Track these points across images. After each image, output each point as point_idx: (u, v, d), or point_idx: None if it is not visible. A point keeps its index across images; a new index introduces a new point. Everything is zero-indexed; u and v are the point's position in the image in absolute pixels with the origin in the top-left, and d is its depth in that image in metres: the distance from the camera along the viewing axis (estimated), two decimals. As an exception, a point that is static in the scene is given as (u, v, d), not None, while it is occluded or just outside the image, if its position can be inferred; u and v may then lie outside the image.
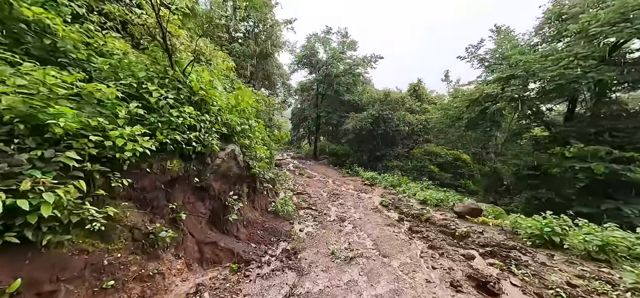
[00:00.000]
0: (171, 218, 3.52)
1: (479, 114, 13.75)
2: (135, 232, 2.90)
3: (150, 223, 3.15)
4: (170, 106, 3.65)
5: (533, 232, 5.36)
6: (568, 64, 8.69)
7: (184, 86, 3.97)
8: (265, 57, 16.51)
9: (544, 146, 11.32)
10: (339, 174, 19.33)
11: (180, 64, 4.09)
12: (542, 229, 5.22)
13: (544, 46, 11.14)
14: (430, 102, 23.09)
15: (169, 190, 3.60)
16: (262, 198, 6.79)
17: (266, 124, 11.08)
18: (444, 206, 10.02)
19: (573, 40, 8.95)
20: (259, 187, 6.66)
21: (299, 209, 9.96)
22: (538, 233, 5.26)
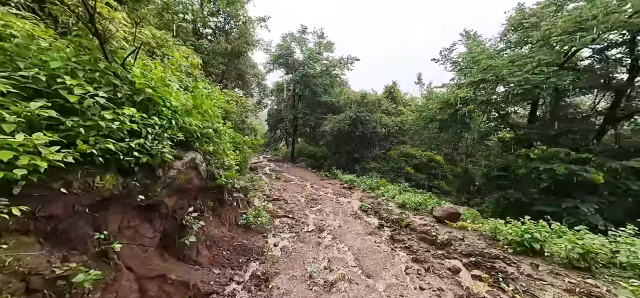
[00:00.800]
0: (99, 252, 2.67)
1: (451, 115, 14.09)
2: (32, 280, 2.05)
3: (63, 263, 2.31)
4: (102, 107, 2.80)
5: (513, 239, 5.24)
6: (532, 70, 9.05)
7: (123, 82, 3.12)
8: (238, 55, 15.45)
9: (510, 148, 11.86)
10: (317, 177, 18.80)
11: (118, 54, 3.22)
12: (522, 236, 5.11)
13: (508, 52, 11.66)
14: (404, 104, 23.56)
15: (97, 214, 2.74)
16: (232, 211, 5.98)
17: (239, 126, 10.19)
18: (422, 210, 9.92)
19: (536, 47, 9.38)
20: (228, 199, 5.85)
21: (275, 218, 9.24)
22: (519, 240, 5.14)
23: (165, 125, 3.57)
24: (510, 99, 12.11)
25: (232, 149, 7.01)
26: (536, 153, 9.74)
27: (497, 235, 6.16)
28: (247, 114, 10.26)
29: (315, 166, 21.55)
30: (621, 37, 9.02)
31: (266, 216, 7.60)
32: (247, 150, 12.30)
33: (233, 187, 6.25)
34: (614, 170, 8.77)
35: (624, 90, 9.39)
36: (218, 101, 7.49)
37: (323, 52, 21.01)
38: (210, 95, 6.87)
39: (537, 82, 8.56)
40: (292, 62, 21.10)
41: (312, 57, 20.56)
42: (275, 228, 7.60)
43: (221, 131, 5.40)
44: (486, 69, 9.82)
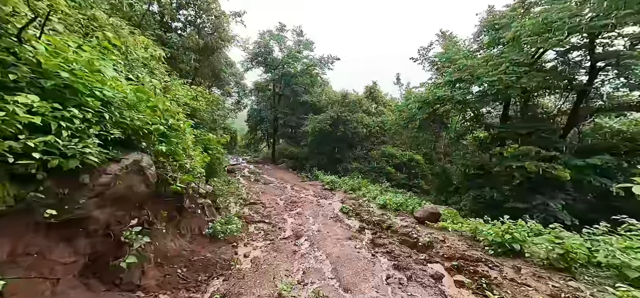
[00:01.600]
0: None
1: (429, 115, 14.16)
2: None
3: None
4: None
5: (494, 240, 5.03)
6: (505, 70, 9.18)
7: (19, 61, 2.35)
8: (212, 51, 14.45)
9: (486, 147, 12.11)
10: (298, 179, 18.18)
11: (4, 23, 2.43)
12: (503, 237, 4.90)
13: (481, 53, 11.89)
14: (385, 104, 23.66)
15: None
16: (194, 220, 5.22)
17: (210, 126, 9.34)
18: (403, 210, 9.70)
19: (508, 48, 9.55)
20: (190, 206, 5.09)
21: (250, 224, 8.53)
22: (499, 241, 4.93)
23: (92, 120, 2.82)
24: (484, 99, 12.36)
25: (199, 150, 6.24)
26: (509, 151, 9.92)
27: (477, 235, 5.97)
28: (220, 112, 9.44)
29: (296, 167, 20.91)
30: (581, 40, 9.43)
31: (238, 223, 6.89)
32: (219, 150, 11.45)
33: (197, 192, 5.50)
34: (579, 167, 9.11)
35: (584, 91, 9.85)
36: (182, 95, 6.68)
37: (303, 50, 20.46)
38: (169, 88, 6.06)
39: (509, 82, 8.68)
40: (271, 60, 20.30)
41: (292, 56, 19.93)
42: (248, 236, 6.91)
43: (180, 129, 4.65)
44: (462, 69, 9.87)
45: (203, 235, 5.29)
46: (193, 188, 5.21)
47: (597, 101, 10.75)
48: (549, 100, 12.10)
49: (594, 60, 9.26)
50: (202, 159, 6.28)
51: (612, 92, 10.53)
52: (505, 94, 10.62)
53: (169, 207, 4.29)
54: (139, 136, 3.57)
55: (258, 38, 19.98)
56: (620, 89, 10.24)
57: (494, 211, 11.66)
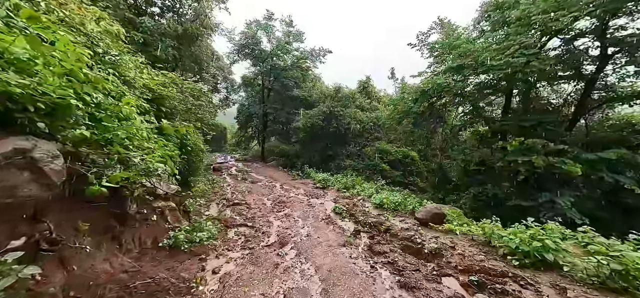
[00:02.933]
0: None
1: (426, 108, 13.27)
2: None
3: None
4: None
5: (519, 247, 4.05)
6: (513, 53, 8.30)
7: None
8: (192, 39, 13.08)
9: (486, 141, 11.32)
10: (288, 177, 17.04)
11: None
12: (529, 244, 3.93)
13: (481, 41, 11.04)
14: (378, 100, 22.75)
15: None
16: (146, 229, 4.04)
17: (183, 117, 8.07)
18: (402, 210, 8.72)
19: (513, 28, 8.63)
20: (138, 212, 3.90)
21: (229, 228, 7.37)
22: (525, 249, 3.96)
23: None
24: (484, 91, 11.54)
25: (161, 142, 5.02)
26: (513, 145, 9.08)
27: (493, 240, 5.01)
28: (197, 102, 8.18)
29: (287, 165, 19.75)
30: (591, 24, 8.66)
31: (212, 228, 5.73)
32: (199, 145, 10.18)
33: (152, 194, 4.30)
34: (590, 161, 8.35)
35: (593, 80, 9.13)
36: (138, 77, 5.42)
37: (292, 42, 19.22)
38: (118, 64, 4.80)
39: (518, 66, 7.80)
40: (259, 52, 18.97)
41: (281, 47, 18.66)
42: (225, 244, 5.76)
43: (116, 109, 3.45)
44: (465, 54, 8.98)
45: (159, 247, 4.11)
46: (145, 189, 4.02)
47: (603, 92, 10.05)
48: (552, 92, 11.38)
49: (605, 47, 8.51)
50: (166, 153, 5.07)
51: (617, 82, 9.84)
52: (511, 81, 9.77)
53: (97, 216, 3.10)
54: (31, 113, 2.37)
55: (244, 28, 18.60)
56: (626, 79, 9.55)
57: (496, 209, 10.86)
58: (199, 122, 8.77)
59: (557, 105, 10.27)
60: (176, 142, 8.59)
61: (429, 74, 12.22)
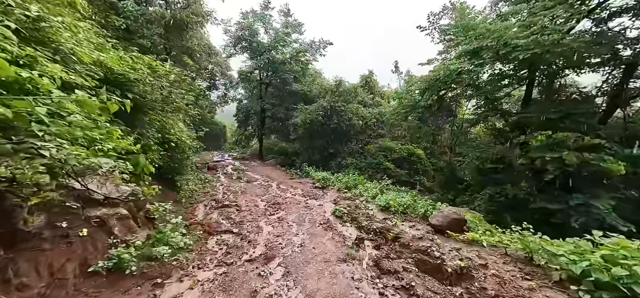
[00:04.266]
0: None
1: (435, 101, 12.04)
2: None
3: None
4: None
5: (587, 273, 2.86)
6: (542, 29, 7.02)
7: None
8: (182, 28, 11.99)
9: (504, 137, 10.08)
10: (286, 176, 15.93)
11: None
12: (607, 271, 2.74)
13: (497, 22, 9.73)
14: (382, 95, 21.51)
15: None
16: (64, 252, 2.93)
17: (160, 106, 6.96)
18: (412, 214, 7.54)
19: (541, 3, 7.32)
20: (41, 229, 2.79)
21: (211, 235, 6.31)
22: (604, 279, 2.77)
23: None
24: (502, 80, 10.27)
25: (98, 133, 3.90)
26: (540, 140, 7.85)
27: (536, 257, 3.82)
28: (178, 91, 7.07)
29: (286, 164, 18.65)
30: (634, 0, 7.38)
31: (181, 239, 4.62)
32: (185, 141, 9.09)
33: (79, 201, 3.19)
34: (634, 158, 7.08)
35: (633, 65, 7.84)
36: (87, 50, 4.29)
37: (291, 33, 18.02)
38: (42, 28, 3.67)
39: (548, 45, 6.56)
40: (256, 45, 17.83)
41: (279, 39, 17.49)
42: (199, 257, 4.68)
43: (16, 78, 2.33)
44: (483, 36, 7.77)
45: (89, 273, 3.00)
46: (61, 192, 2.91)
47: (638, 80, 8.75)
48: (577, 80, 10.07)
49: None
50: (124, 145, 3.96)
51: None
52: (535, 67, 8.48)
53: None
54: None
55: (240, 18, 17.44)
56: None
57: (516, 212, 9.62)
58: (180, 112, 7.69)
59: (587, 95, 8.98)
60: (156, 136, 7.55)
61: (439, 61, 10.95)
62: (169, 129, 8.26)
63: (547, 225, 7.52)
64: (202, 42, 15.88)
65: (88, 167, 2.90)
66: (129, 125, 5.76)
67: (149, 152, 6.71)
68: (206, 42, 21.46)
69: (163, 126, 7.92)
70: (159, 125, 7.60)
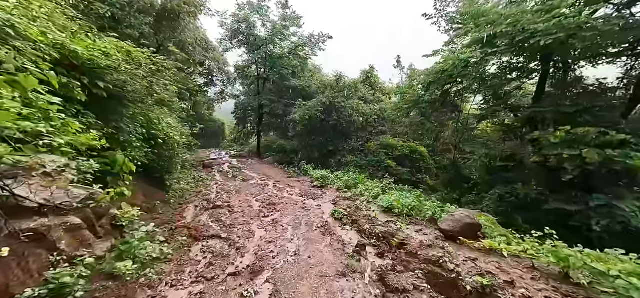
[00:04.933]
0: None
1: (439, 96, 11.32)
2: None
3: None
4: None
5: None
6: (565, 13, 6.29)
7: None
8: (174, 18, 11.28)
9: (513, 132, 9.38)
10: (284, 174, 15.27)
11: None
12: None
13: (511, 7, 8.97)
14: (383, 91, 20.77)
15: None
16: None
17: (140, 97, 6.27)
18: (418, 217, 6.88)
19: None
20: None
21: (197, 241, 5.69)
22: None
23: None
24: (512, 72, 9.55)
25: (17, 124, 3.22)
26: (559, 136, 7.15)
27: (573, 273, 3.15)
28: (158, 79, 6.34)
29: (284, 162, 17.98)
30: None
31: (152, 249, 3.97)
32: (173, 138, 8.42)
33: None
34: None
35: (660, 54, 7.14)
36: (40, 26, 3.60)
37: (289, 26, 17.24)
38: None
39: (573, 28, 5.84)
40: (253, 38, 17.05)
41: (277, 32, 16.70)
42: (177, 269, 4.05)
43: None
44: (496, 22, 7.06)
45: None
46: None
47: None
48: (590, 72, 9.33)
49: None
50: (82, 141, 3.28)
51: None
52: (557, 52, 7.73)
53: None
54: None
55: (237, 10, 16.63)
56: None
57: (528, 213, 8.94)
58: (164, 105, 7.00)
59: (606, 87, 8.24)
60: (139, 132, 6.87)
61: (446, 52, 10.20)
62: (155, 124, 7.60)
63: (564, 228, 6.85)
64: (198, 35, 15.17)
65: (15, 165, 2.23)
66: (101, 118, 5.11)
67: (129, 148, 6.06)
68: (202, 36, 20.74)
69: (149, 121, 7.26)
70: (144, 120, 6.93)
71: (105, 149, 5.48)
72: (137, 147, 6.36)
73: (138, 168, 6.60)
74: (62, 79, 3.64)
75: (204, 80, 27.57)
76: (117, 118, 5.49)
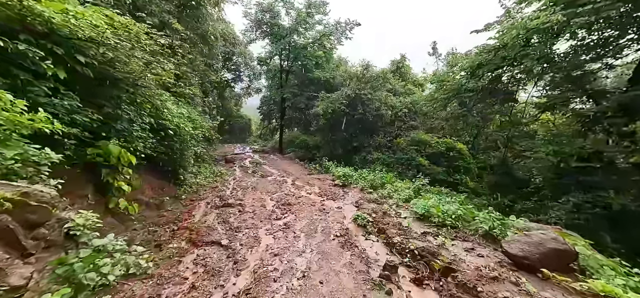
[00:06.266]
0: None
1: (488, 82, 9.23)
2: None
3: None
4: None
5: None
6: None
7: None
8: (196, 6, 10.81)
9: (599, 125, 7.04)
10: (305, 171, 14.31)
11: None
12: None
13: None
14: (414, 82, 18.60)
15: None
16: None
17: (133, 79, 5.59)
18: (466, 229, 5.27)
19: None
20: None
21: (196, 247, 4.93)
22: None
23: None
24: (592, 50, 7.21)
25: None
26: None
27: None
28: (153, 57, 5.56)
29: (305, 158, 17.05)
30: None
31: (109, 270, 3.09)
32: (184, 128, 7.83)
33: None
34: None
35: None
36: None
37: (314, 14, 16.02)
38: None
39: None
40: (277, 28, 16.19)
41: (301, 20, 15.60)
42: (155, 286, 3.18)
43: None
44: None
45: None
46: None
47: None
48: None
49: None
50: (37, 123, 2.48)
51: None
52: None
53: None
54: None
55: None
56: None
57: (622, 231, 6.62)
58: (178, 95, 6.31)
59: None
60: (145, 121, 6.31)
61: (505, 23, 8.02)
62: (164, 113, 7.02)
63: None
64: (220, 27, 14.78)
65: None
66: (92, 102, 4.47)
67: (128, 138, 5.47)
68: (230, 30, 20.58)
69: (156, 109, 6.68)
70: (150, 108, 6.35)
71: (98, 137, 4.94)
72: (140, 137, 5.76)
73: (142, 160, 6.03)
74: (18, 45, 2.92)
75: (231, 75, 27.95)
76: (113, 103, 4.85)
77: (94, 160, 4.47)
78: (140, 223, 5.59)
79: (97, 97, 4.57)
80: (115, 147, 4.81)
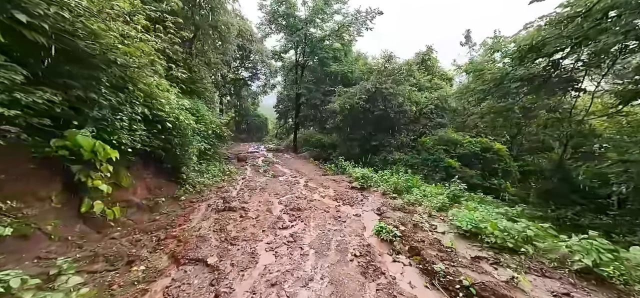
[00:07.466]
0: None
1: (543, 69, 7.37)
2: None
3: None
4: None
5: None
6: None
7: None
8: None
9: None
10: (319, 171, 13.07)
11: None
12: None
13: None
14: (442, 77, 16.63)
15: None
16: None
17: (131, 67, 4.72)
18: (540, 258, 3.70)
19: None
20: None
21: (176, 265, 3.93)
22: None
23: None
24: None
25: None
26: None
27: None
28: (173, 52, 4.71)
29: (320, 157, 15.83)
30: None
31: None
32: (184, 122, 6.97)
33: None
34: None
35: None
36: None
37: (333, 3, 14.70)
38: None
39: None
40: (293, 19, 15.14)
41: (318, 10, 14.39)
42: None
43: None
44: None
45: None
46: None
47: None
48: None
49: None
50: None
51: None
52: None
53: None
54: None
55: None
56: None
57: None
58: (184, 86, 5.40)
59: None
60: (136, 111, 5.47)
61: None
62: (162, 103, 6.17)
63: None
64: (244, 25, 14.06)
65: None
66: (52, 78, 3.60)
67: (109, 128, 4.61)
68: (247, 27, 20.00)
69: (151, 98, 5.84)
70: (143, 95, 5.50)
71: (67, 127, 4.11)
72: (127, 129, 4.89)
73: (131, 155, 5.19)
74: None
75: (248, 74, 27.55)
76: (87, 85, 3.97)
77: (54, 153, 3.59)
78: (124, 230, 4.71)
79: (63, 77, 3.70)
80: (86, 138, 3.92)
